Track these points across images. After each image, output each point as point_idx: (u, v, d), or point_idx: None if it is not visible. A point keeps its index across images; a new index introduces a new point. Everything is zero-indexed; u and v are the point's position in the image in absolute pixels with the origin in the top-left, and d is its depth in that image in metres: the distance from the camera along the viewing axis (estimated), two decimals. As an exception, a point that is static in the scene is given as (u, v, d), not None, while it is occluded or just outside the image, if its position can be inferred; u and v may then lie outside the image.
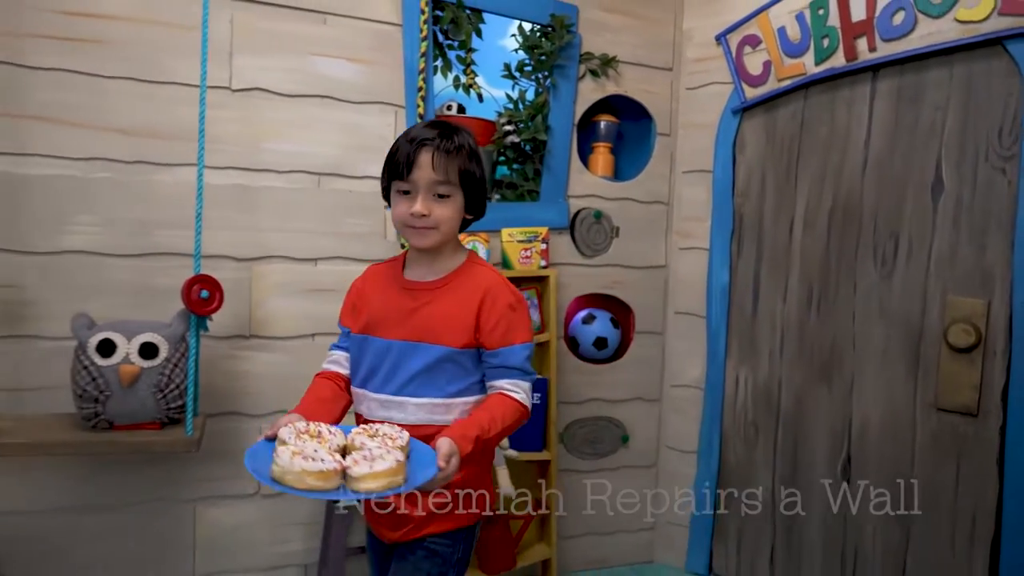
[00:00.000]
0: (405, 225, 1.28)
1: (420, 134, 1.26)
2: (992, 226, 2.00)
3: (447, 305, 1.29)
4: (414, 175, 1.24)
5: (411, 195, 1.26)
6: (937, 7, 2.04)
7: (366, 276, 1.42)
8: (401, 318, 1.30)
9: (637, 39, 2.54)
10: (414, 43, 2.20)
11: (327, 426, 1.15)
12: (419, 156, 1.23)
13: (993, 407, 1.99)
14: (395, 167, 1.26)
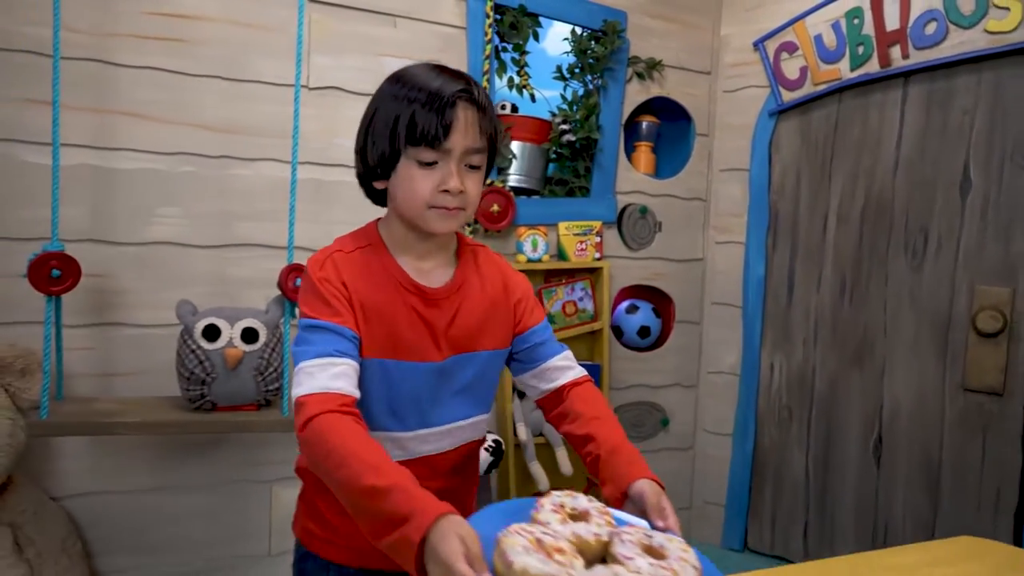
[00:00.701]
0: (431, 206, 0.95)
1: (447, 86, 0.93)
2: (1017, 220, 2.17)
3: (479, 303, 1.05)
4: (452, 139, 0.92)
5: (434, 167, 0.94)
6: (968, 18, 2.20)
7: (348, 270, 0.98)
8: (436, 332, 1.00)
9: (679, 44, 2.68)
10: (477, 46, 2.31)
11: (597, 503, 0.80)
12: (457, 114, 0.92)
13: (1018, 387, 2.16)
14: (416, 131, 0.92)
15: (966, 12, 2.21)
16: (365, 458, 0.80)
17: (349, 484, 0.79)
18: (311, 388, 0.89)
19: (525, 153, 2.46)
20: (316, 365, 0.91)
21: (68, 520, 1.92)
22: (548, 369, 1.09)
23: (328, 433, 0.84)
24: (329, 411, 0.86)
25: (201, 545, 2.10)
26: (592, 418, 1.01)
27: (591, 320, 2.45)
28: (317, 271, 0.97)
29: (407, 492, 0.74)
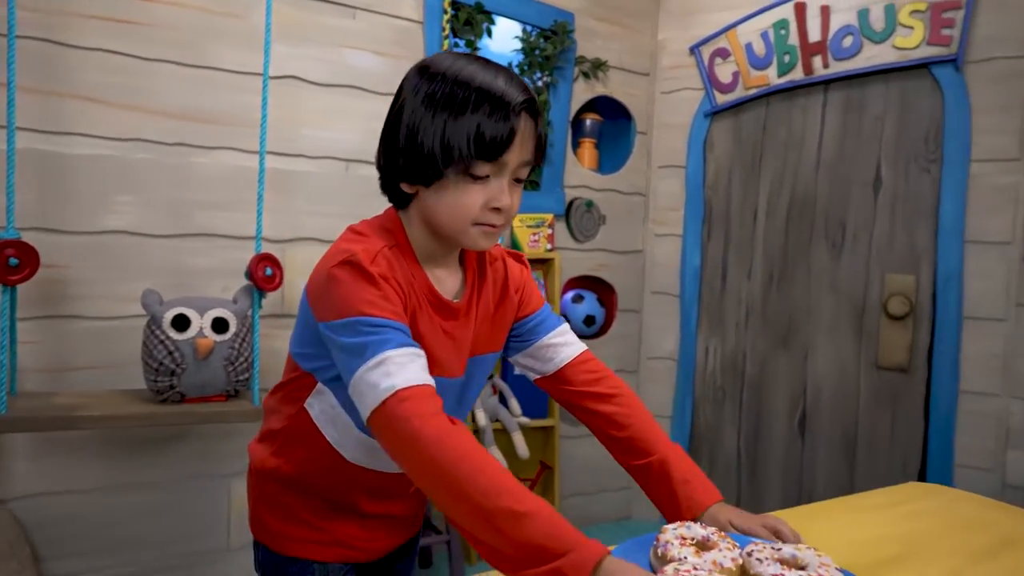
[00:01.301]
0: (477, 223, 0.86)
1: (511, 91, 0.82)
2: (921, 216, 2.44)
3: (488, 308, 0.99)
4: (511, 153, 0.83)
5: (486, 181, 0.84)
6: (879, 34, 2.45)
7: (397, 267, 0.87)
8: (460, 346, 0.94)
9: (621, 46, 2.82)
10: (435, 40, 2.36)
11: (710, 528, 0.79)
12: (520, 130, 0.83)
13: (921, 364, 2.44)
14: (485, 140, 0.81)
15: (877, 29, 2.46)
16: (499, 478, 0.71)
17: (479, 501, 0.70)
18: (409, 380, 0.76)
19: (479, 147, 2.53)
20: (403, 355, 0.77)
21: (15, 523, 1.83)
22: (543, 347, 1.02)
23: (448, 439, 0.73)
24: (439, 413, 0.75)
25: (157, 543, 2.05)
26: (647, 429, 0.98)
27: (544, 309, 2.55)
28: (369, 264, 0.82)
29: (554, 523, 0.68)
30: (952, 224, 2.36)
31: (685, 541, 0.74)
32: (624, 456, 0.98)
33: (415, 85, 0.87)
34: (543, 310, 1.06)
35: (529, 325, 1.04)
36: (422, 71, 0.87)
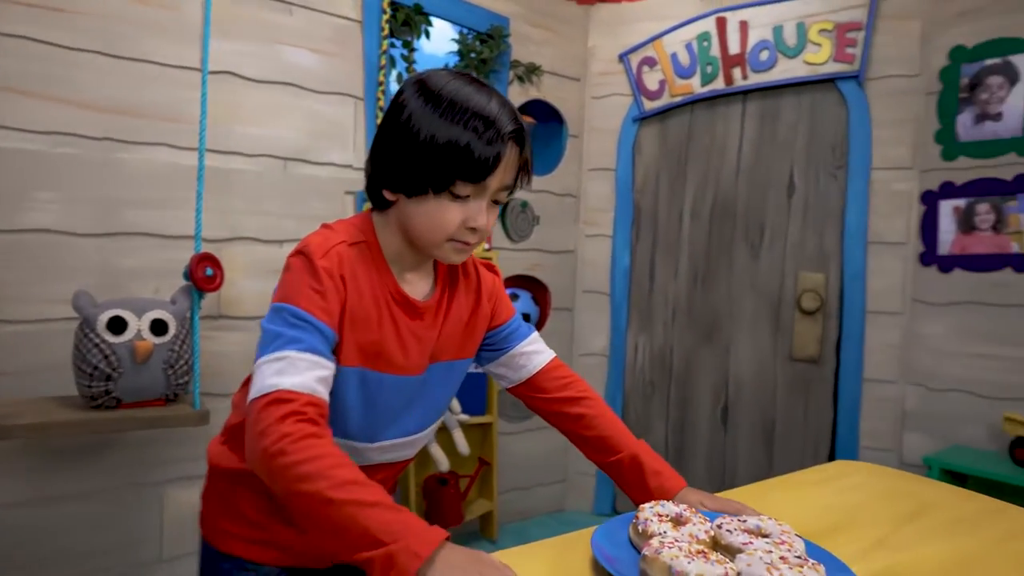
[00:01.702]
0: (452, 239, 0.88)
1: (503, 117, 0.85)
2: (829, 218, 2.64)
3: (459, 313, 1.00)
4: (491, 180, 0.85)
5: (466, 201, 0.86)
6: (792, 50, 2.64)
7: (348, 268, 0.88)
8: (423, 346, 0.95)
9: (554, 51, 2.90)
10: (373, 39, 2.35)
11: (682, 506, 0.86)
12: (505, 156, 0.85)
13: (830, 355, 2.64)
14: (473, 162, 0.83)
15: (790, 45, 2.64)
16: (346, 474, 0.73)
17: (322, 495, 0.72)
18: (298, 384, 0.78)
19: (417, 147, 2.54)
20: (304, 359, 0.80)
21: (-74, 542, 1.71)
22: (515, 356, 1.06)
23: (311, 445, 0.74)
24: (312, 420, 0.77)
25: (86, 557, 1.95)
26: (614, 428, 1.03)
27: (482, 308, 2.59)
28: (320, 258, 0.85)
29: (395, 510, 0.72)
30: (856, 227, 2.57)
31: (662, 518, 0.81)
32: (596, 454, 1.03)
33: (411, 97, 0.88)
34: (514, 319, 1.08)
35: (502, 334, 1.06)
36: (419, 85, 0.88)
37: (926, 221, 2.49)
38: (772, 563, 0.69)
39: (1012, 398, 2.28)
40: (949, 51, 2.44)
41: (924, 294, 2.50)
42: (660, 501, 0.86)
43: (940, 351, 2.46)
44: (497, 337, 1.06)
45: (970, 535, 0.95)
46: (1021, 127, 2.30)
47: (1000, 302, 2.33)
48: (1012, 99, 2.32)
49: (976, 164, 2.38)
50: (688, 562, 0.68)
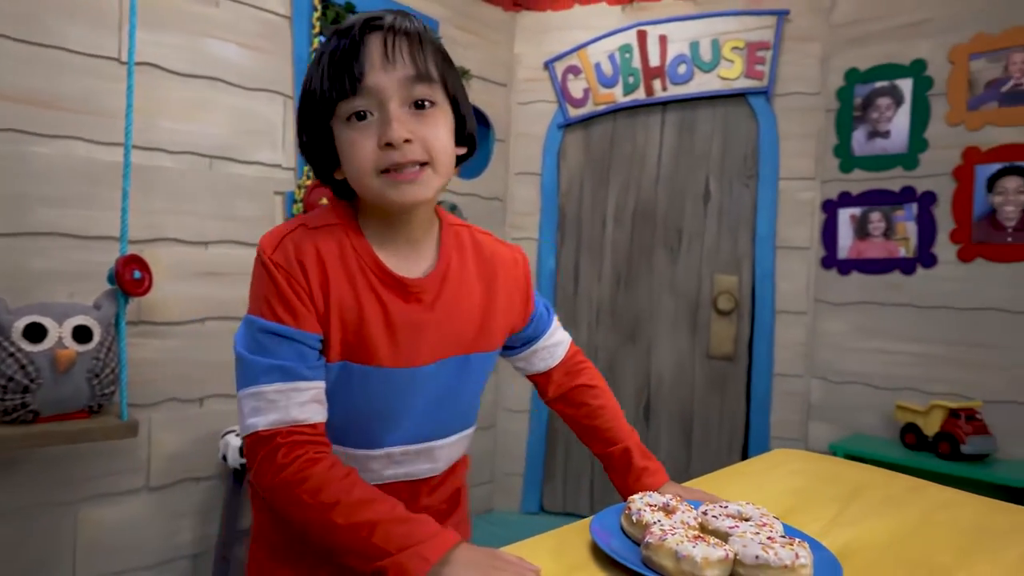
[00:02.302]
0: (379, 170, 0.77)
1: (357, 19, 0.78)
2: (742, 224, 2.82)
3: (469, 296, 0.89)
4: (370, 79, 0.75)
5: (370, 120, 0.77)
6: (707, 65, 2.80)
7: (309, 254, 0.79)
8: (419, 334, 0.84)
9: (481, 56, 2.92)
10: (303, 36, 2.29)
11: (667, 495, 0.88)
12: (369, 47, 0.75)
13: (743, 353, 2.82)
14: (328, 77, 0.76)
15: (706, 60, 2.80)
16: (350, 494, 0.72)
17: (329, 522, 0.72)
18: (276, 421, 0.74)
19: (347, 148, 2.50)
20: (279, 391, 0.74)
21: None
22: (538, 350, 1.03)
23: (305, 477, 0.73)
24: (300, 445, 0.74)
25: (-13, 585, 1.79)
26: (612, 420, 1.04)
27: (414, 311, 2.58)
28: (270, 251, 0.78)
29: (402, 521, 0.72)
30: (766, 232, 2.76)
31: (653, 507, 0.85)
32: (591, 443, 1.06)
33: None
34: (537, 307, 1.01)
35: (527, 331, 1.00)
36: None
37: (827, 228, 2.71)
38: (764, 543, 0.75)
39: (903, 388, 2.52)
40: (845, 73, 2.67)
41: (825, 295, 2.71)
42: (648, 492, 0.90)
43: (840, 347, 2.68)
44: (522, 334, 0.99)
45: (903, 510, 1.06)
46: (906, 144, 2.55)
47: (890, 302, 2.57)
48: (898, 119, 2.57)
49: (869, 176, 2.62)
50: (693, 546, 0.73)
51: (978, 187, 2.40)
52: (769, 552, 0.73)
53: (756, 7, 2.74)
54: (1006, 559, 0.89)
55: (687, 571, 0.72)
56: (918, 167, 2.51)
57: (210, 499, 2.19)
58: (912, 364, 2.51)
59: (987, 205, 2.38)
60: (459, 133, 0.84)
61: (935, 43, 2.49)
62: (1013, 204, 2.34)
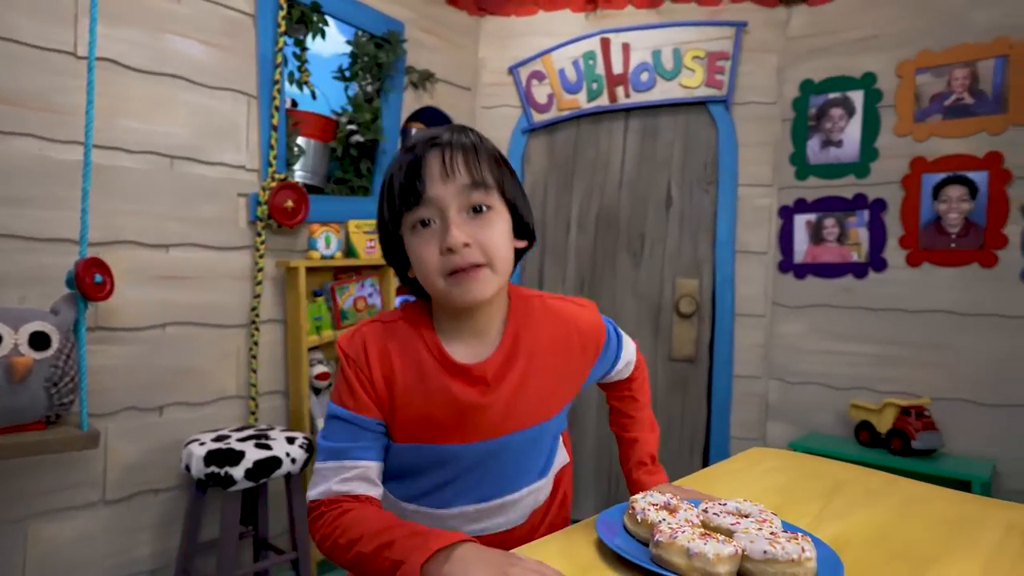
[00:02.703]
0: (444, 274, 0.85)
1: (420, 137, 0.88)
2: (702, 229, 2.89)
3: (540, 369, 0.93)
4: (430, 191, 0.84)
5: (434, 228, 0.85)
6: (669, 73, 2.86)
7: (377, 346, 0.90)
8: (484, 412, 0.90)
9: (446, 60, 2.92)
10: (268, 35, 2.24)
11: (668, 494, 0.91)
12: (428, 163, 0.85)
13: (704, 355, 2.88)
14: (396, 192, 0.86)
15: (668, 68, 2.86)
16: (370, 527, 0.80)
17: (359, 554, 0.79)
18: (320, 492, 0.87)
19: (311, 150, 2.46)
20: (329, 468, 0.88)
21: None
22: (609, 377, 1.10)
23: (337, 525, 0.83)
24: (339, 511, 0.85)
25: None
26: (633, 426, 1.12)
27: (380, 315, 2.55)
28: (345, 347, 0.91)
29: (416, 535, 0.77)
30: (726, 237, 2.83)
31: (656, 506, 0.87)
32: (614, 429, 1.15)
33: None
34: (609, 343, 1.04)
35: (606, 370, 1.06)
36: None
37: (784, 233, 2.80)
38: (769, 538, 0.76)
39: (856, 387, 2.62)
40: (800, 84, 2.77)
41: (782, 298, 2.80)
42: (650, 491, 0.91)
43: (796, 348, 2.77)
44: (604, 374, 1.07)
45: (882, 504, 1.10)
46: (858, 153, 2.66)
47: (844, 304, 2.67)
48: (850, 129, 2.68)
49: (823, 184, 2.72)
50: (704, 543, 0.74)
51: (925, 195, 2.52)
52: (776, 547, 0.75)
53: (716, 18, 2.82)
54: (983, 546, 0.94)
55: (699, 568, 0.73)
56: (869, 175, 2.62)
57: (170, 511, 2.11)
58: (864, 364, 2.62)
59: (933, 212, 2.50)
60: (519, 228, 0.93)
61: (884, 58, 2.60)
62: (956, 212, 2.46)
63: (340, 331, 2.42)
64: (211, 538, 2.16)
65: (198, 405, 2.16)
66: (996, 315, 2.38)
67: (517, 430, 0.92)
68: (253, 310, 2.26)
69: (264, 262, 2.28)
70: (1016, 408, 2.32)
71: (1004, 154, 2.37)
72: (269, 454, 1.93)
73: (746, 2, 2.81)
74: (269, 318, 2.33)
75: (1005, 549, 0.94)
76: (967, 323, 2.42)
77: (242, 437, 2.00)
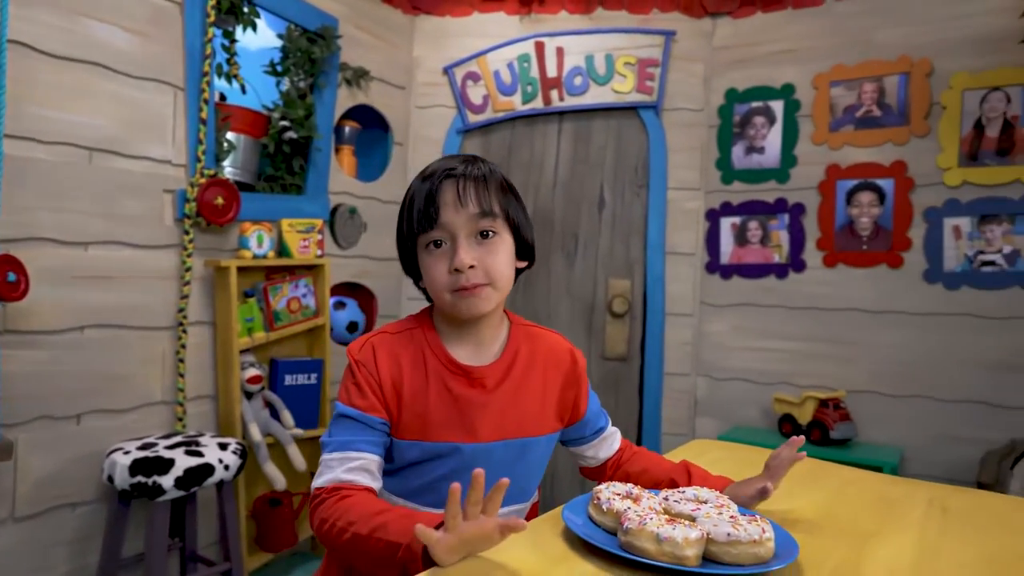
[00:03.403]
0: (451, 290, 0.95)
1: (437, 168, 0.98)
2: (634, 231, 2.97)
3: (530, 385, 1.02)
4: (443, 217, 0.94)
5: (443, 248, 0.96)
6: (602, 78, 2.93)
7: (386, 353, 0.99)
8: (480, 414, 0.98)
9: (381, 57, 2.88)
10: (196, 24, 2.15)
11: (629, 484, 0.95)
12: (443, 192, 0.95)
13: (636, 354, 2.96)
14: (415, 215, 0.96)
15: (601, 73, 2.93)
16: (364, 511, 0.85)
17: (355, 536, 0.84)
18: (326, 480, 0.93)
19: (241, 146, 2.37)
20: (335, 459, 0.94)
21: None
22: (590, 448, 1.15)
23: (334, 510, 0.88)
24: (337, 498, 0.89)
25: None
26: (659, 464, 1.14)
27: (314, 316, 2.48)
28: (356, 354, 1.00)
29: (407, 517, 0.82)
30: (656, 239, 2.92)
31: (620, 496, 0.89)
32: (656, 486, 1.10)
33: None
34: (591, 408, 1.13)
35: (580, 429, 1.12)
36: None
37: (710, 235, 2.92)
38: (731, 522, 0.80)
39: (778, 383, 2.76)
40: (725, 92, 2.90)
41: (709, 297, 2.91)
42: (612, 482, 0.94)
43: (723, 346, 2.89)
44: (576, 431, 1.12)
45: (820, 487, 1.17)
46: (779, 160, 2.81)
47: (767, 303, 2.81)
48: (771, 136, 2.83)
49: (747, 188, 2.85)
50: (672, 528, 0.77)
51: (839, 200, 2.68)
52: (739, 529, 0.78)
53: (646, 26, 2.91)
54: (911, 520, 1.02)
55: (668, 552, 0.76)
56: (789, 181, 2.77)
57: (88, 526, 1.98)
58: (786, 360, 2.76)
59: (847, 217, 2.67)
60: (522, 248, 1.04)
61: (801, 70, 2.76)
62: (867, 216, 2.64)
63: (273, 332, 2.34)
64: (134, 553, 2.04)
65: (120, 412, 2.04)
66: (902, 312, 2.56)
67: (509, 438, 1.00)
68: (180, 311, 2.16)
69: (192, 261, 2.18)
70: (920, 399, 2.51)
71: (908, 163, 2.56)
72: (201, 461, 1.85)
73: (674, 12, 2.92)
74: (197, 320, 2.23)
75: (930, 521, 1.02)
76: (877, 320, 2.59)
77: (170, 444, 1.91)
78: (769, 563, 0.78)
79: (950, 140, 2.50)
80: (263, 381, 2.31)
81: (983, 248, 2.45)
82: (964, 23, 2.48)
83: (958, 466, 2.38)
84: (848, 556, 0.86)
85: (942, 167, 2.50)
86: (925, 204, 2.53)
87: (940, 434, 2.47)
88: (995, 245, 2.44)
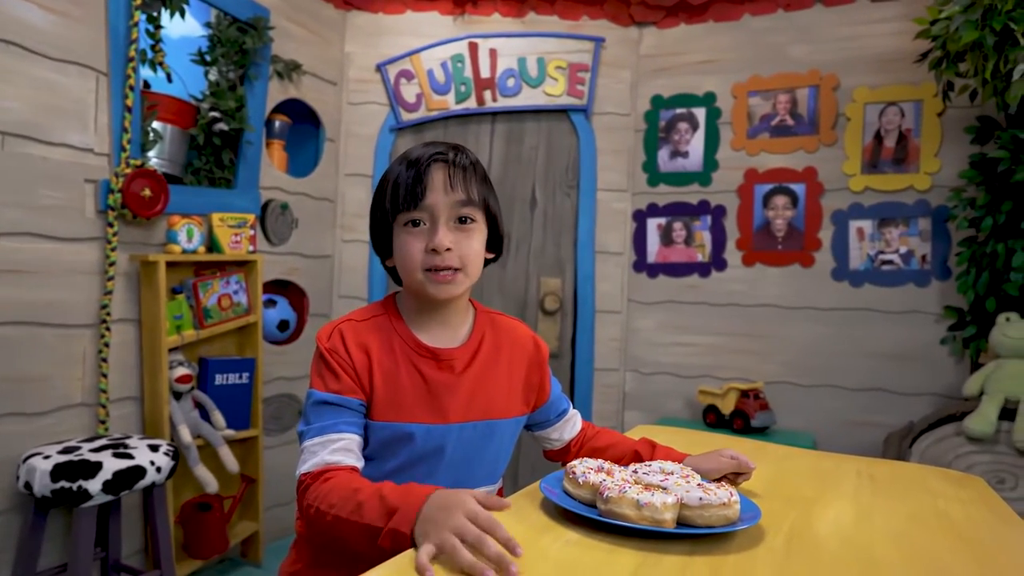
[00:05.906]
0: (423, 269, 0.97)
1: (424, 152, 1.00)
2: (564, 231, 3.05)
3: (496, 369, 1.05)
4: (429, 199, 0.96)
5: (422, 228, 0.98)
6: (534, 80, 3.00)
7: (354, 338, 1.00)
8: (448, 396, 1.00)
9: (313, 52, 2.83)
10: (120, 7, 2.05)
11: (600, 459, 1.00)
12: (432, 174, 0.97)
13: (567, 350, 3.04)
14: (398, 194, 0.98)
15: (532, 76, 3.00)
16: (345, 493, 0.86)
17: (337, 519, 0.85)
18: (312, 465, 0.93)
19: (168, 136, 2.28)
20: (317, 443, 0.94)
21: None
22: (553, 431, 1.19)
23: (320, 493, 0.89)
24: (321, 480, 0.91)
25: None
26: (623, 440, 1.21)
27: (245, 314, 2.41)
28: (324, 341, 1.00)
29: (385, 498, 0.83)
30: (586, 238, 3.01)
31: (593, 470, 0.93)
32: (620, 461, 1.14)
33: None
34: (554, 392, 1.17)
35: (546, 412, 1.17)
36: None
37: (637, 235, 3.03)
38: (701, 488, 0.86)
39: (701, 375, 2.90)
40: (651, 98, 3.02)
41: (637, 295, 3.03)
42: (583, 459, 0.98)
43: (650, 342, 3.01)
44: (541, 415, 1.16)
45: (762, 462, 1.25)
46: (701, 164, 2.96)
47: (691, 300, 2.95)
48: (695, 142, 2.97)
49: (672, 190, 2.99)
50: (651, 495, 0.82)
51: (756, 203, 2.86)
52: (710, 493, 0.84)
53: (577, 32, 3.00)
54: (846, 488, 1.12)
55: (648, 516, 0.81)
56: (711, 184, 2.92)
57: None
58: (708, 354, 2.90)
59: (764, 218, 2.84)
60: (492, 240, 1.07)
61: (721, 79, 2.92)
62: (782, 218, 2.82)
63: (203, 330, 2.26)
64: (51, 565, 1.92)
65: (35, 416, 1.92)
66: (812, 308, 2.75)
67: (477, 419, 1.03)
68: (103, 308, 2.05)
69: (116, 255, 2.07)
70: (827, 388, 2.71)
71: (818, 169, 2.76)
72: (131, 463, 1.77)
73: (603, 20, 3.02)
74: (121, 317, 2.12)
75: (862, 488, 1.12)
76: (790, 315, 2.78)
77: (95, 447, 1.81)
78: (736, 523, 0.84)
79: (854, 149, 2.71)
80: (193, 380, 2.22)
81: (883, 248, 2.68)
82: (866, 43, 2.70)
83: (863, 448, 2.58)
84: (800, 518, 0.94)
85: (847, 173, 2.72)
86: (833, 207, 2.73)
87: (847, 419, 2.67)
88: (893, 246, 2.67)
